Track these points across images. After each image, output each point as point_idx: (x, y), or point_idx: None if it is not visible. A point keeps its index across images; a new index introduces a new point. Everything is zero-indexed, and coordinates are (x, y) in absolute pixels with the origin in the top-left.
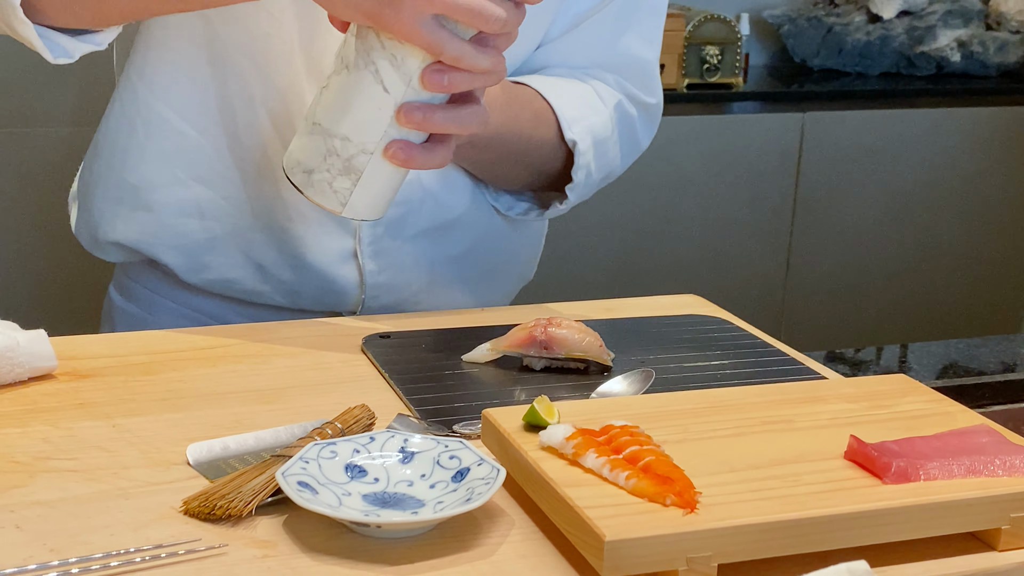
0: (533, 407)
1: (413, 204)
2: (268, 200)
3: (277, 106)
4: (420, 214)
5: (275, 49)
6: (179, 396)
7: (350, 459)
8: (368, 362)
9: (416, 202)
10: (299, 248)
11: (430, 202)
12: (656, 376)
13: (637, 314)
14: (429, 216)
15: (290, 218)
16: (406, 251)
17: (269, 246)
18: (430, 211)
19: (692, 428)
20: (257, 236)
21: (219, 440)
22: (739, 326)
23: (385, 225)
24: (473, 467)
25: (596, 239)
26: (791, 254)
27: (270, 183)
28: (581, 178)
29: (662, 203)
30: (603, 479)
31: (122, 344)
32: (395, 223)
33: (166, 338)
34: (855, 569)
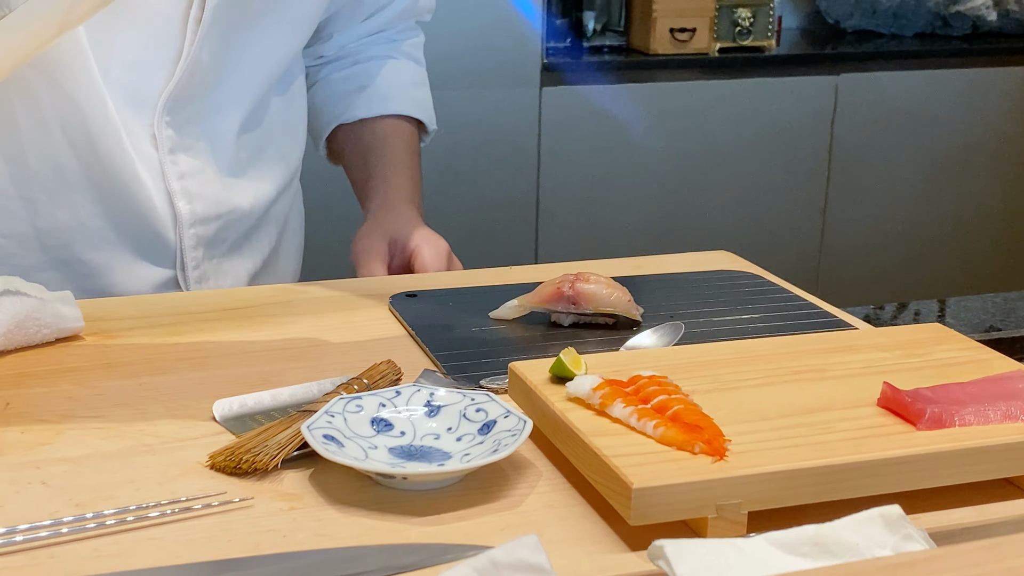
0: (560, 359)
1: (224, 217)
2: (64, 231)
3: (73, 120)
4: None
5: (66, 56)
6: (206, 355)
7: (376, 413)
8: (395, 320)
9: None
10: (106, 280)
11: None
12: (685, 330)
13: (667, 271)
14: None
15: (95, 247)
16: (228, 264)
17: (67, 283)
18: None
19: (722, 378)
20: (50, 275)
21: (245, 396)
22: (771, 280)
23: (204, 245)
24: (500, 419)
25: (626, 205)
26: (826, 218)
27: (66, 210)
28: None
29: (694, 168)
30: (631, 428)
31: (149, 305)
32: (211, 240)
33: (193, 299)
34: (888, 514)
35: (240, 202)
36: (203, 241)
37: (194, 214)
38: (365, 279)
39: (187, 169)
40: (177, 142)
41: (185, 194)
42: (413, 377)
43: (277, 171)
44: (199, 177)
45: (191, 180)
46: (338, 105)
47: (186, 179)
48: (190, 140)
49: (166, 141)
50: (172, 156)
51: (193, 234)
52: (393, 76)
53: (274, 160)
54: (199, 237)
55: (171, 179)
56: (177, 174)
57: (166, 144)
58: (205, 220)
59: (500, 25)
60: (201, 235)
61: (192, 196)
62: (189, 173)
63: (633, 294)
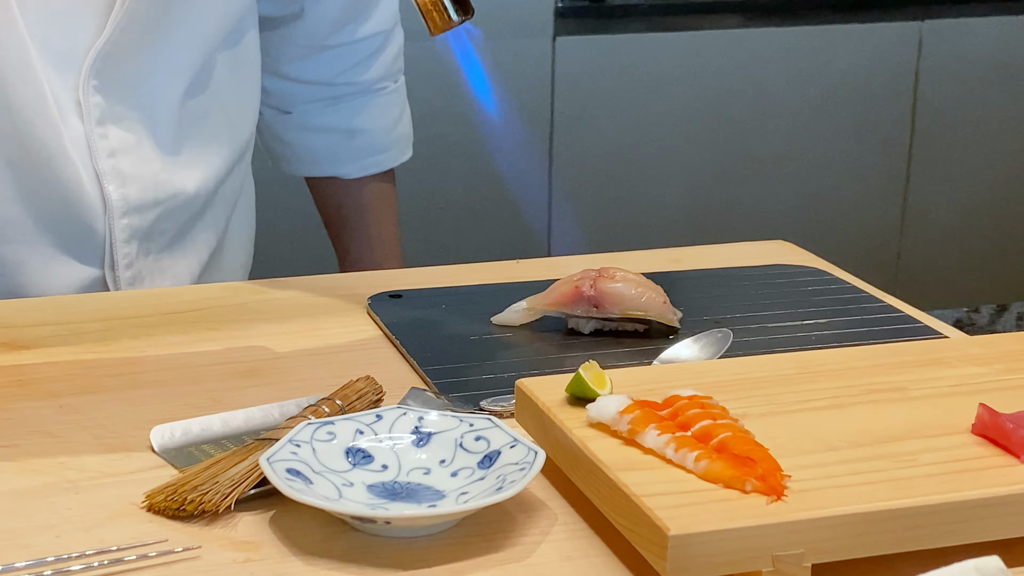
0: (579, 375)
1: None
2: None
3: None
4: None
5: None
6: (142, 370)
7: (352, 442)
8: (375, 326)
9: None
10: (18, 279)
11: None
12: (734, 339)
13: (711, 265)
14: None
15: (6, 238)
16: (168, 262)
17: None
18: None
19: (779, 399)
20: None
21: (191, 421)
22: (839, 277)
23: (139, 239)
24: (504, 450)
25: (660, 183)
26: (908, 199)
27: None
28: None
29: (743, 137)
30: (666, 461)
31: (72, 309)
32: (147, 232)
33: (125, 301)
34: (986, 567)
35: (184, 185)
36: (137, 234)
37: (127, 200)
38: (338, 275)
39: (119, 145)
40: (107, 111)
41: (116, 175)
42: (397, 397)
43: (226, 144)
44: (133, 155)
45: (124, 158)
46: (318, 150)
47: (118, 157)
48: (122, 109)
49: (93, 110)
50: (101, 128)
51: (126, 225)
52: (380, 118)
53: (222, 131)
54: (133, 229)
55: (100, 157)
56: (107, 151)
57: (93, 114)
58: (140, 208)
59: None
60: (135, 226)
61: (125, 178)
62: (121, 150)
63: (670, 294)
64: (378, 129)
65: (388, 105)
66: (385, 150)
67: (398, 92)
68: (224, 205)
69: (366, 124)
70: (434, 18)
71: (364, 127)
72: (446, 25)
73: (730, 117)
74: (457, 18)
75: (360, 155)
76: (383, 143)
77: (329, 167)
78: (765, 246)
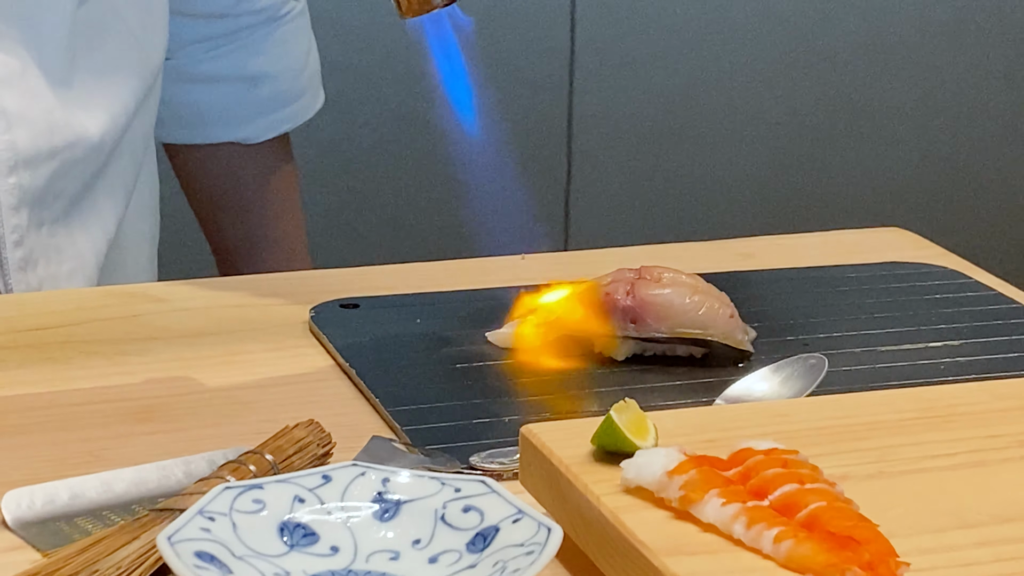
0: (610, 419)
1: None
2: None
3: None
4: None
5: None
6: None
7: (288, 514)
8: (320, 349)
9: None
10: None
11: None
12: (830, 368)
13: (796, 263)
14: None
15: None
16: (64, 237)
17: None
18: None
19: (893, 454)
20: None
21: (58, 484)
22: (979, 280)
23: (30, 204)
24: (505, 526)
25: (725, 146)
26: None
27: None
28: None
29: (844, 80)
30: (733, 542)
31: None
32: (41, 194)
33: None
34: None
35: (84, 127)
36: (28, 197)
37: (15, 149)
38: (270, 275)
39: (1, 72)
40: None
41: (1, 116)
42: (353, 450)
43: (134, 72)
44: (18, 86)
45: (6, 92)
46: (208, 107)
47: (1, 89)
48: (2, 23)
49: None
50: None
51: (14, 185)
52: (287, 56)
53: (126, 53)
54: (23, 190)
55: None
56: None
57: None
58: (32, 160)
59: None
60: (26, 186)
61: (10, 119)
62: (4, 79)
63: (739, 303)
64: (287, 71)
65: (295, 35)
66: (296, 98)
67: (303, 14)
68: (132, 156)
69: (271, 66)
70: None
71: (269, 70)
72: (423, 7)
73: (821, 52)
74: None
75: (265, 109)
76: (294, 89)
77: (224, 129)
78: (873, 235)
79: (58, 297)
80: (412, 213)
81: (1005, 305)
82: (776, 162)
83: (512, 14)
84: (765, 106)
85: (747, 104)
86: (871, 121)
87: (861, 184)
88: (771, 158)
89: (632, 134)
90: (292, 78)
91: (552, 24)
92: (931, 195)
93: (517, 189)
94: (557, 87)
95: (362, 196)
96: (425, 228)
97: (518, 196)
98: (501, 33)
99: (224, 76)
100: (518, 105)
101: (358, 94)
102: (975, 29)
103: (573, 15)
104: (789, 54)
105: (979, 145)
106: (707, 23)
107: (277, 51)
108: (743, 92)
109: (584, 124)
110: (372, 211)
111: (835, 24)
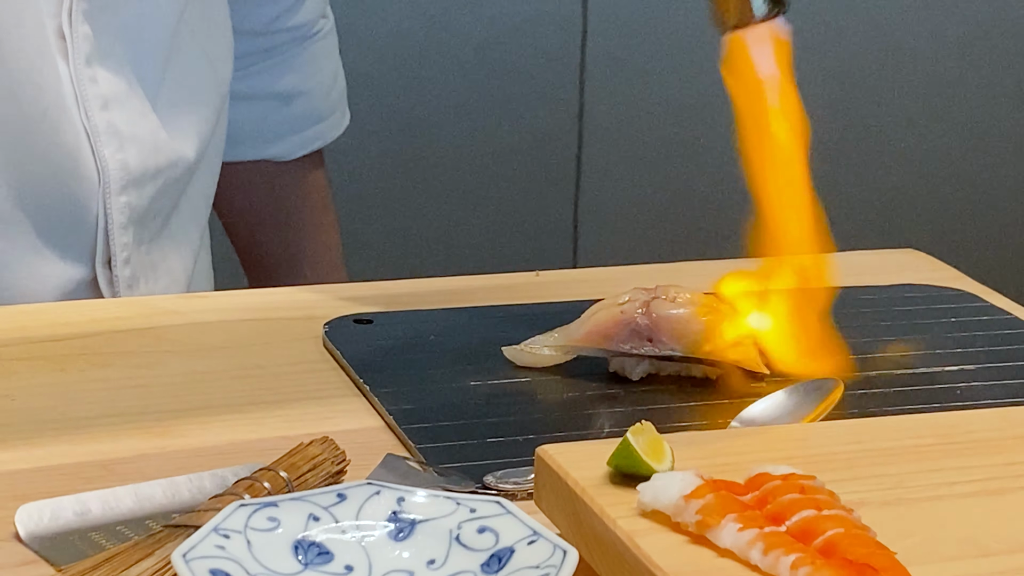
0: (626, 442)
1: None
2: None
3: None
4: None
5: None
6: (2, 422)
7: (303, 532)
8: (334, 365)
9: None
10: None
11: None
12: (847, 391)
13: None
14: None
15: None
16: (158, 255)
17: None
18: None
19: (911, 480)
20: None
21: (72, 499)
22: (996, 304)
23: (136, 223)
24: (520, 547)
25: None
26: None
27: None
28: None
29: (857, 97)
30: (750, 568)
31: None
32: (144, 214)
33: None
34: None
35: (183, 146)
36: (136, 216)
37: (126, 169)
38: (284, 289)
39: (110, 91)
40: (96, 45)
41: (113, 135)
42: (367, 467)
43: (213, 94)
44: (127, 106)
45: (117, 111)
46: (243, 125)
47: (111, 109)
48: (109, 41)
49: (82, 43)
50: (89, 70)
51: (125, 204)
52: (319, 73)
53: (205, 76)
54: (132, 209)
55: (92, 108)
56: (99, 100)
57: (82, 48)
58: (140, 180)
59: None
60: (134, 205)
61: (122, 139)
62: (114, 99)
63: None
64: (318, 88)
65: (326, 53)
66: (327, 115)
67: (332, 32)
68: (211, 174)
69: (303, 83)
70: (729, 7)
71: (301, 88)
72: (744, 19)
73: (834, 68)
74: (763, 10)
75: (298, 126)
76: (324, 106)
77: (257, 147)
78: (888, 257)
79: (73, 308)
80: (421, 226)
81: (1021, 330)
82: None
83: (523, 27)
84: None
85: None
86: (884, 139)
87: (875, 204)
88: None
89: (642, 148)
90: (323, 95)
91: (563, 37)
92: (945, 215)
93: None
94: (568, 100)
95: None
96: (434, 241)
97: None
98: (512, 46)
99: (257, 93)
100: (528, 117)
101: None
102: (989, 46)
103: (585, 28)
104: (801, 69)
105: (993, 165)
106: (718, 37)
107: (309, 68)
108: None
109: (594, 138)
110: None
111: (848, 42)
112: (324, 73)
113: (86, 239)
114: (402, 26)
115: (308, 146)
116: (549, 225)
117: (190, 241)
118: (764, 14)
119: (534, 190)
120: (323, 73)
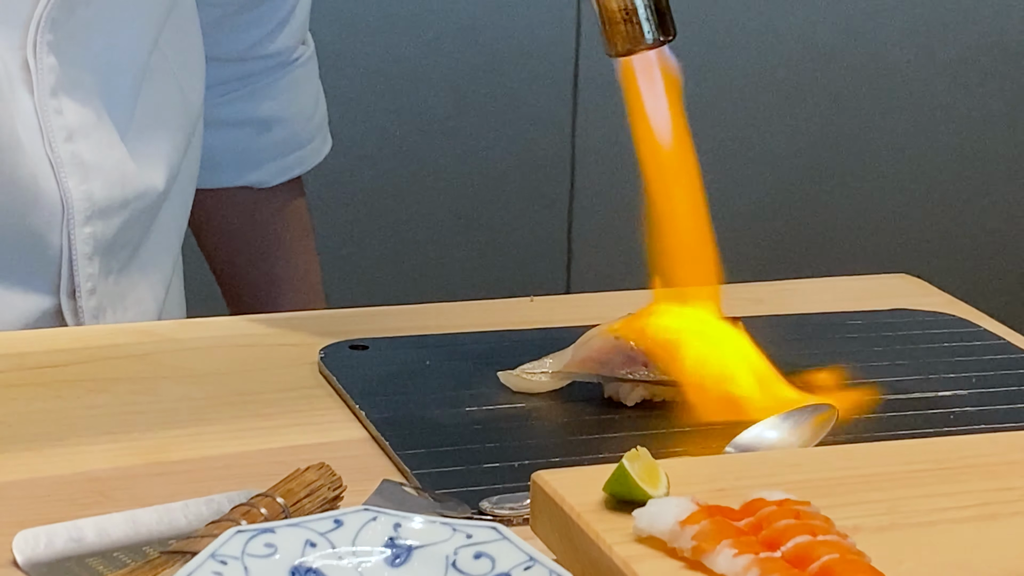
0: (622, 467)
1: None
2: None
3: None
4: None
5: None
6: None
7: (300, 558)
8: (330, 391)
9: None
10: None
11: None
12: (840, 416)
13: (805, 309)
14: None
15: None
16: (127, 285)
17: None
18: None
19: (905, 505)
20: None
21: (69, 525)
22: (989, 329)
23: (102, 254)
24: (516, 573)
25: (733, 188)
26: None
27: None
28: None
29: (849, 120)
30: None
31: None
32: (110, 245)
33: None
34: None
35: (151, 176)
36: (101, 246)
37: (91, 200)
38: (280, 315)
39: (76, 122)
40: (62, 77)
41: (77, 166)
42: (363, 493)
43: (182, 121)
44: (93, 137)
45: (82, 142)
46: (222, 152)
47: (76, 140)
48: (77, 72)
49: (47, 75)
50: (55, 101)
51: (88, 235)
52: (299, 99)
53: (175, 102)
54: (97, 240)
55: (56, 140)
56: (64, 131)
57: (47, 80)
58: (106, 211)
59: None
60: (99, 236)
61: (87, 169)
62: (79, 130)
63: None
64: (298, 115)
65: (305, 80)
66: (307, 142)
67: (312, 59)
68: (182, 202)
69: (283, 110)
70: (620, 32)
71: (281, 114)
72: (634, 45)
73: (826, 92)
74: (652, 37)
75: (277, 153)
76: (305, 133)
77: (235, 174)
78: (880, 282)
79: (67, 335)
80: (414, 251)
81: (1013, 355)
82: (782, 207)
83: (516, 51)
84: (769, 147)
85: (750, 144)
86: (876, 164)
87: (866, 229)
88: (777, 203)
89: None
90: (303, 122)
91: (556, 60)
92: (937, 242)
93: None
94: (561, 124)
95: (364, 235)
96: (428, 266)
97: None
98: (505, 69)
99: (236, 120)
100: (521, 141)
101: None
102: (980, 70)
103: (577, 52)
104: (793, 95)
105: (985, 190)
106: (710, 63)
107: (289, 95)
108: (746, 132)
109: (588, 162)
110: (374, 248)
111: (840, 67)
112: (304, 100)
113: (50, 269)
114: (394, 50)
115: (288, 173)
116: (542, 249)
117: (161, 270)
118: (652, 40)
119: (527, 214)
120: (303, 100)
